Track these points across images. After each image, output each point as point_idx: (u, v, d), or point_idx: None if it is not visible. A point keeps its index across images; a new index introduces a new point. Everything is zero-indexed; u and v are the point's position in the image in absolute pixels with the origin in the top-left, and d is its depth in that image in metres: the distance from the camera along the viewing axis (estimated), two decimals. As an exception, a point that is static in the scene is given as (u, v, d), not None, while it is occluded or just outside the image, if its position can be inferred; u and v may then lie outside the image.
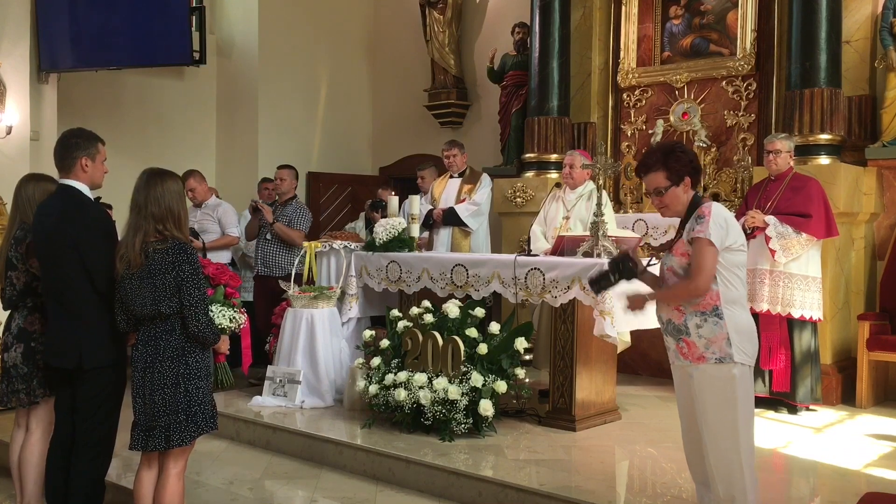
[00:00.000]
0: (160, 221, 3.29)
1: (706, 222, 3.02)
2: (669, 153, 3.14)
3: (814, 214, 5.26)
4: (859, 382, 5.71)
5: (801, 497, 4.11)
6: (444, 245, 6.90)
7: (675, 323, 3.13)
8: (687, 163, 3.13)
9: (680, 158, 3.13)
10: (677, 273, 3.12)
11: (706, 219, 3.02)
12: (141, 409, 3.33)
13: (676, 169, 3.12)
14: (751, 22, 6.75)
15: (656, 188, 3.15)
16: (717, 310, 3.05)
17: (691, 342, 3.08)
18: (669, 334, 3.18)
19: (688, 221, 3.11)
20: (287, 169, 6.80)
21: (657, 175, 3.13)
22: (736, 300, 3.07)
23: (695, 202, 3.15)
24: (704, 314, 3.06)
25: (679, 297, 3.09)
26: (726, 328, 3.02)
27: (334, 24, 9.79)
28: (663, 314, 3.19)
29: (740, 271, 3.09)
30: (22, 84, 7.33)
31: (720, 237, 3.01)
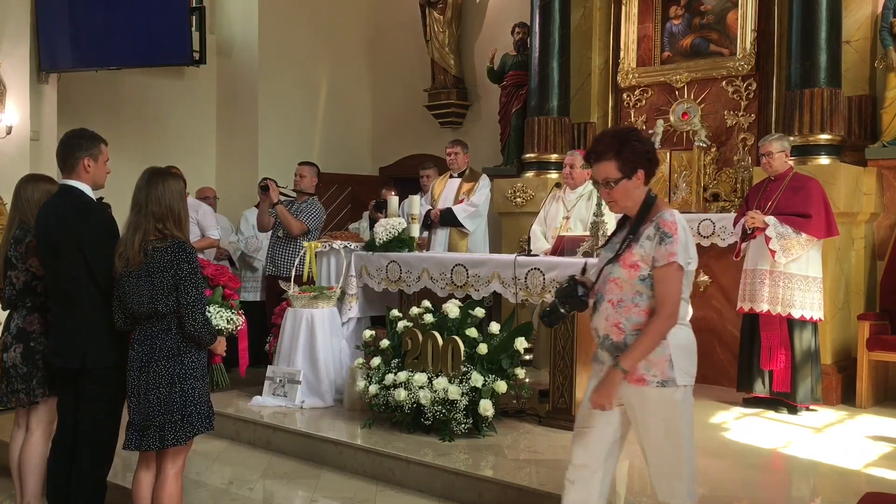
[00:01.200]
0: (160, 220, 3.29)
1: (675, 242, 2.72)
2: (624, 141, 2.82)
3: (814, 214, 5.26)
4: (859, 382, 5.71)
5: (801, 497, 4.11)
6: (442, 245, 6.90)
7: (614, 340, 2.84)
8: (642, 153, 2.82)
9: (635, 148, 2.81)
10: (623, 288, 2.81)
11: (674, 238, 2.72)
12: (136, 408, 3.33)
13: (630, 160, 2.80)
14: (751, 22, 6.75)
15: (605, 179, 2.84)
16: None
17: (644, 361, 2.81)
18: (606, 350, 2.89)
19: (640, 224, 2.82)
20: (308, 166, 6.78)
21: (608, 164, 2.81)
22: (682, 320, 2.84)
23: (648, 202, 2.84)
24: None
25: (655, 344, 2.77)
26: (669, 349, 2.78)
27: (334, 24, 9.79)
28: (600, 328, 2.89)
29: (687, 289, 2.85)
30: (22, 84, 7.33)
31: (686, 258, 2.76)
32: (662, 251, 2.73)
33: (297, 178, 6.74)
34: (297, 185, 6.71)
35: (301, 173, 6.72)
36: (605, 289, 2.86)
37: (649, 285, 2.77)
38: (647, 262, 2.77)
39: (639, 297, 2.79)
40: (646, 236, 2.77)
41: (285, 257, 6.50)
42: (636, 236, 2.80)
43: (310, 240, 6.30)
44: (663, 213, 2.78)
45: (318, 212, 6.63)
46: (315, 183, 6.77)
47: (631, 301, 2.80)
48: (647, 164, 2.83)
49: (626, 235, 2.85)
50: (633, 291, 2.80)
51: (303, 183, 6.68)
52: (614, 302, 2.83)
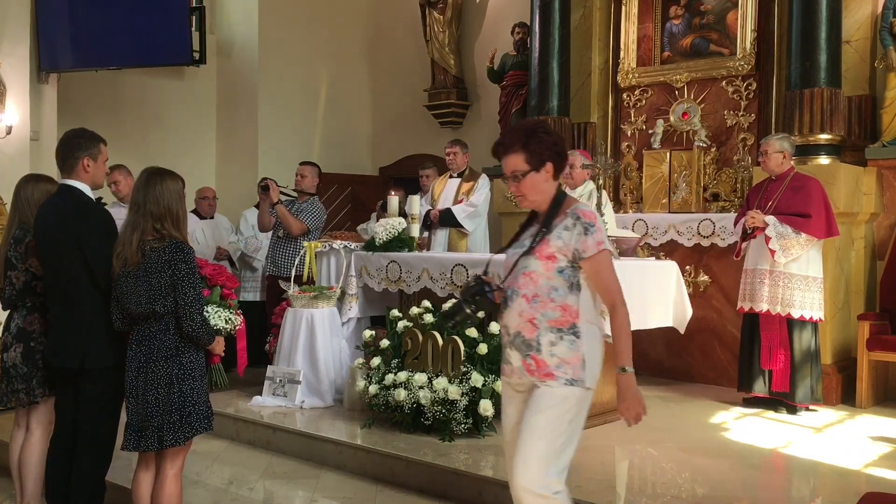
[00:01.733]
0: (158, 220, 3.29)
1: (598, 231, 2.69)
2: (531, 133, 2.77)
3: (813, 214, 5.26)
4: (859, 382, 5.71)
5: (801, 497, 4.12)
6: (441, 246, 6.90)
7: (525, 337, 2.72)
8: (550, 145, 2.76)
9: (542, 140, 2.75)
10: (538, 283, 2.71)
11: (596, 226, 2.69)
12: (134, 409, 3.32)
13: (538, 152, 2.74)
14: (751, 22, 6.74)
15: (513, 172, 2.77)
16: (575, 328, 2.71)
17: (541, 360, 2.70)
18: (515, 348, 2.75)
19: (552, 217, 2.75)
20: (309, 166, 6.78)
21: (516, 157, 2.76)
22: (594, 318, 2.78)
23: (559, 197, 2.78)
24: (561, 331, 2.70)
25: (630, 334, 2.74)
26: (583, 349, 2.70)
27: (334, 24, 9.79)
28: (510, 324, 2.78)
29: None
30: (22, 84, 7.33)
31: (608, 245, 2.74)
32: (590, 241, 2.68)
33: (297, 178, 6.73)
34: (297, 184, 6.71)
35: (302, 173, 6.71)
36: (518, 283, 2.75)
37: (567, 277, 2.70)
38: (564, 254, 2.69)
39: (555, 291, 2.70)
40: (563, 227, 2.71)
41: (286, 257, 6.49)
42: (549, 228, 2.73)
43: (310, 240, 6.30)
44: (578, 205, 2.74)
45: (318, 212, 6.62)
46: (316, 183, 6.76)
47: (547, 296, 2.70)
48: (555, 158, 2.77)
49: (538, 229, 2.77)
50: (548, 286, 2.70)
51: (304, 183, 6.67)
52: (529, 297, 2.72)
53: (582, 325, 2.71)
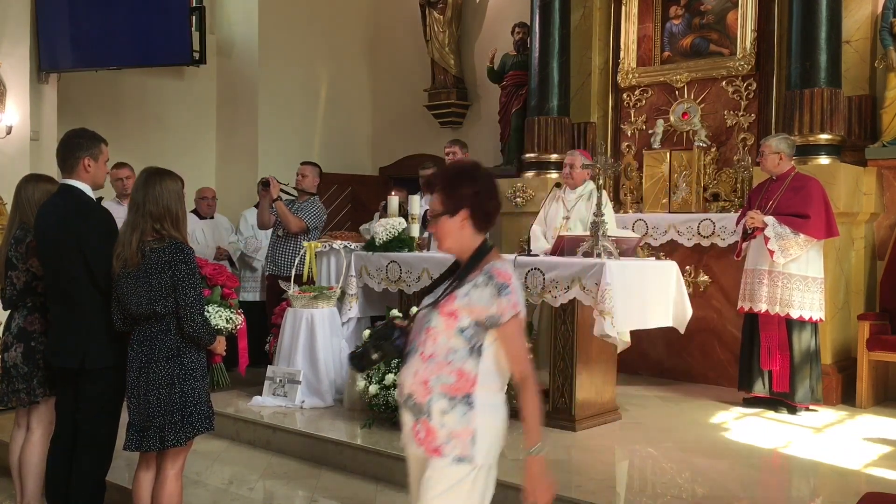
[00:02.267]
0: (158, 220, 3.29)
1: (513, 293, 2.40)
2: (456, 177, 2.51)
3: (812, 215, 5.26)
4: (859, 382, 5.71)
5: (801, 497, 4.12)
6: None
7: (416, 400, 2.45)
8: (470, 194, 2.46)
9: (464, 186, 2.46)
10: (437, 341, 2.43)
11: (511, 288, 2.40)
12: (136, 409, 3.33)
13: (454, 197, 2.47)
14: (751, 22, 6.74)
15: (432, 211, 2.55)
16: (469, 398, 2.41)
17: (431, 428, 2.42)
18: (408, 409, 2.50)
19: (468, 271, 2.46)
20: (310, 165, 6.79)
21: (436, 197, 2.51)
22: (495, 387, 2.49)
23: (482, 250, 2.49)
24: (454, 399, 2.41)
25: (539, 409, 2.49)
26: (475, 422, 2.41)
27: (334, 24, 9.78)
28: (405, 384, 2.50)
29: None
30: (22, 84, 7.33)
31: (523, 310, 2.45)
32: (504, 303, 2.38)
33: (298, 178, 6.73)
34: (298, 184, 6.71)
35: (303, 173, 6.72)
36: (419, 339, 2.49)
37: (468, 338, 2.41)
38: (469, 313, 2.40)
39: (453, 353, 2.42)
40: (472, 284, 2.42)
41: (286, 256, 6.49)
42: (460, 283, 2.44)
43: (310, 239, 6.30)
44: (495, 262, 2.46)
45: (318, 211, 6.62)
46: (317, 183, 6.77)
47: (444, 358, 2.42)
48: (474, 206, 2.46)
49: (451, 282, 2.50)
50: (446, 346, 2.42)
51: (304, 182, 6.68)
52: (425, 356, 2.45)
53: (478, 395, 2.42)
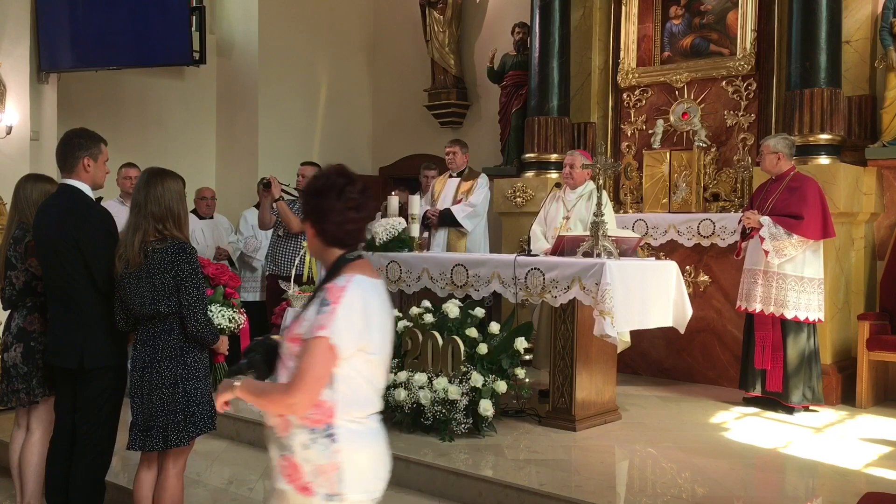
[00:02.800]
0: (160, 221, 3.29)
1: (332, 313, 2.14)
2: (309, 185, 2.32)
3: (806, 216, 5.26)
4: (859, 382, 5.71)
5: (801, 497, 4.11)
6: (440, 246, 6.90)
7: (277, 434, 2.26)
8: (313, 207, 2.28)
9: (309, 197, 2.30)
10: (290, 368, 2.22)
11: (333, 307, 2.15)
12: (139, 408, 3.33)
13: (305, 207, 2.33)
14: (751, 22, 6.74)
15: None
16: (329, 429, 2.19)
17: (296, 464, 2.21)
18: (272, 442, 2.30)
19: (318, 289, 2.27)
20: (311, 166, 6.80)
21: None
22: (358, 414, 2.23)
23: (338, 264, 2.28)
24: (314, 432, 2.19)
25: (272, 406, 2.23)
26: (340, 456, 2.19)
27: (334, 24, 9.79)
28: (269, 417, 2.29)
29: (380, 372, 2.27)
30: (22, 84, 7.32)
31: (350, 338, 2.15)
32: (317, 320, 2.16)
33: (299, 179, 6.75)
34: (300, 185, 6.72)
35: (304, 173, 6.73)
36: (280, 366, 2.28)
37: None
38: None
39: None
40: (312, 310, 2.22)
41: (286, 256, 6.50)
42: (311, 303, 2.25)
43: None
44: (340, 279, 2.21)
45: None
46: None
47: None
48: (313, 218, 2.29)
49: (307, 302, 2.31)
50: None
51: (305, 183, 6.68)
52: None
53: (340, 426, 2.19)
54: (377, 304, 2.24)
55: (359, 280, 2.22)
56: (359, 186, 2.29)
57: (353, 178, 2.30)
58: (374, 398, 2.28)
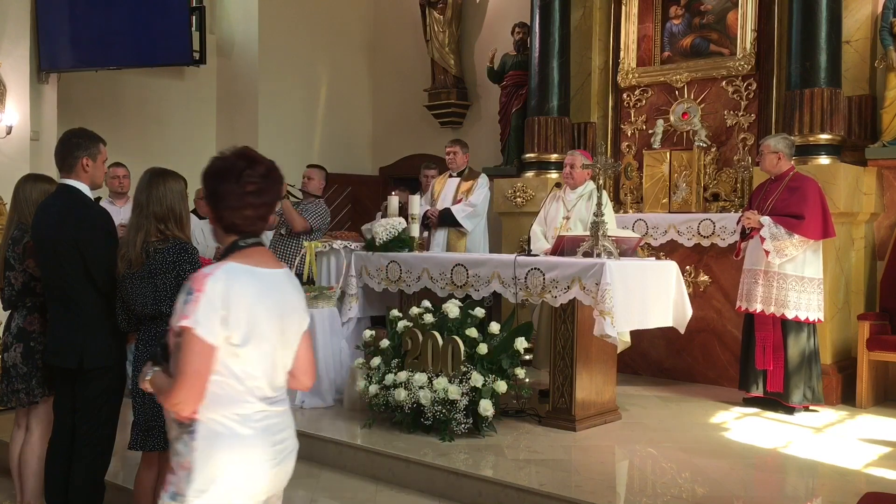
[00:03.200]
0: (162, 221, 3.29)
1: (195, 301, 2.02)
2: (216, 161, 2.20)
3: (807, 215, 5.26)
4: (859, 382, 5.71)
5: (801, 497, 4.11)
6: (440, 246, 6.90)
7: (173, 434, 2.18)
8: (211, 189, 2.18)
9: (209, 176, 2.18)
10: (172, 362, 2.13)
11: (196, 296, 2.02)
12: (140, 408, 3.33)
13: (206, 188, 2.21)
14: (751, 22, 6.74)
15: None
16: (192, 425, 2.07)
17: (171, 458, 2.15)
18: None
19: None
20: (316, 168, 6.82)
21: None
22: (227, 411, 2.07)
23: (225, 253, 2.18)
24: (181, 427, 2.10)
25: (166, 404, 2.11)
26: (194, 454, 2.05)
27: (334, 24, 9.79)
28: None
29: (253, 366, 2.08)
30: (22, 84, 7.33)
31: (212, 328, 2.00)
32: (181, 310, 2.05)
33: (304, 180, 6.76)
34: (304, 186, 6.73)
35: (309, 175, 6.74)
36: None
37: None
38: None
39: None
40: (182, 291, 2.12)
41: (287, 255, 6.50)
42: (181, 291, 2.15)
43: (311, 240, 6.30)
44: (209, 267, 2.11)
45: (323, 212, 6.65)
46: (322, 186, 6.81)
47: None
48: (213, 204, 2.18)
49: None
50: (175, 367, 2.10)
51: (310, 185, 6.71)
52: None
53: (202, 422, 2.06)
54: (249, 292, 2.07)
55: (228, 268, 2.09)
56: (260, 170, 2.17)
57: (254, 160, 2.18)
58: (248, 396, 2.09)
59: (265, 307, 2.12)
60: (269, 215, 2.29)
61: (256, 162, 2.19)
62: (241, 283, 2.09)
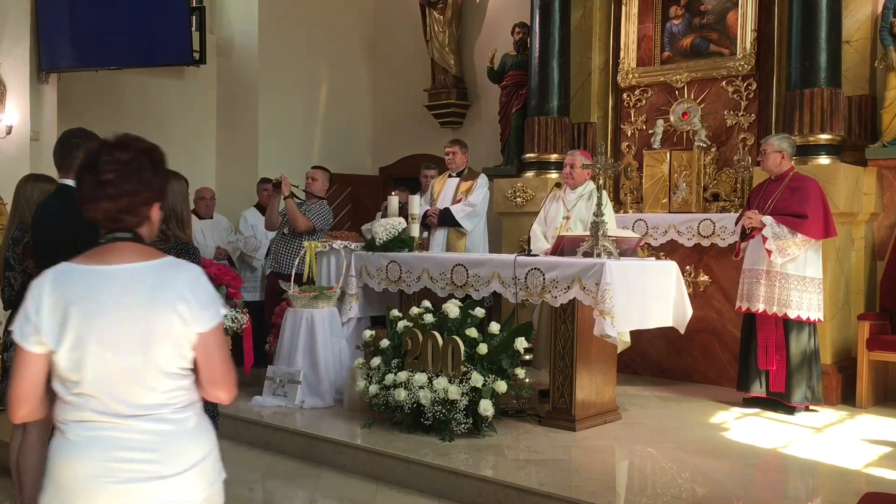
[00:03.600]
0: (163, 221, 3.28)
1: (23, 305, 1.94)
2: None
3: (810, 215, 5.26)
4: (859, 382, 5.71)
5: (801, 497, 4.12)
6: (440, 246, 6.89)
7: None
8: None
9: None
10: None
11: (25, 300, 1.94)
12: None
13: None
14: (751, 22, 6.74)
15: None
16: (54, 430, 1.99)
17: None
18: None
19: None
20: (321, 170, 6.83)
21: None
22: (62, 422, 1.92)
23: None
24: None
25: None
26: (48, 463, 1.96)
27: (334, 24, 9.79)
28: None
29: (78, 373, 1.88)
30: (22, 84, 7.33)
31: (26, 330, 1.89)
32: None
33: (308, 181, 6.76)
34: (308, 186, 6.74)
35: (314, 176, 6.75)
36: None
37: None
38: None
39: None
40: None
41: (289, 255, 6.50)
42: None
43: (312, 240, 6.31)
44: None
45: (326, 213, 6.66)
46: (326, 187, 6.81)
47: None
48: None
49: None
50: None
51: (314, 186, 6.71)
52: None
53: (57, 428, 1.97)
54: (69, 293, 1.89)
55: (57, 269, 1.93)
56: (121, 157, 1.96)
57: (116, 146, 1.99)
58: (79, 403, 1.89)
59: (97, 308, 1.88)
60: (144, 209, 1.99)
61: (117, 148, 1.98)
62: (61, 285, 1.91)
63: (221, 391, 2.01)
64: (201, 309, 1.95)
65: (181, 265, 2.01)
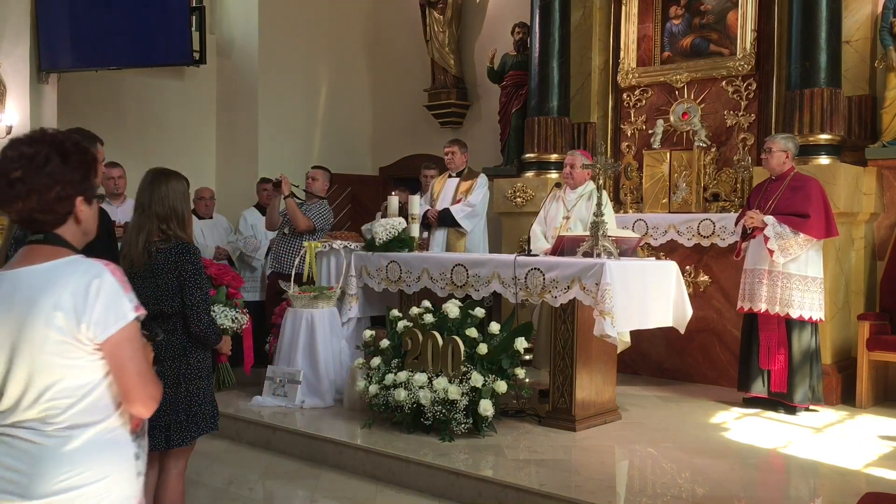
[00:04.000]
0: (164, 221, 3.29)
1: None
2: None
3: (812, 214, 5.26)
4: (859, 382, 5.72)
5: (801, 497, 4.11)
6: (440, 246, 6.90)
7: None
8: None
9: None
10: None
11: None
12: (139, 408, 3.31)
13: None
14: (751, 22, 6.74)
15: None
16: None
17: None
18: None
19: None
20: (321, 170, 6.83)
21: None
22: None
23: None
24: None
25: None
26: None
27: (334, 24, 9.79)
28: None
29: None
30: (22, 84, 7.33)
31: None
32: None
33: (308, 181, 6.76)
34: (308, 186, 6.74)
35: (314, 176, 6.75)
36: None
37: None
38: None
39: None
40: None
41: (289, 255, 6.50)
42: None
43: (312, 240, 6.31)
44: None
45: (327, 213, 6.66)
46: (326, 187, 6.81)
47: None
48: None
49: None
50: None
51: (314, 186, 6.71)
52: None
53: None
54: None
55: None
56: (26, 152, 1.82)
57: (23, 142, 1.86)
58: None
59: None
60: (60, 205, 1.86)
61: (24, 143, 1.84)
62: None
63: (136, 405, 1.88)
64: (93, 315, 1.79)
65: (77, 266, 1.83)
